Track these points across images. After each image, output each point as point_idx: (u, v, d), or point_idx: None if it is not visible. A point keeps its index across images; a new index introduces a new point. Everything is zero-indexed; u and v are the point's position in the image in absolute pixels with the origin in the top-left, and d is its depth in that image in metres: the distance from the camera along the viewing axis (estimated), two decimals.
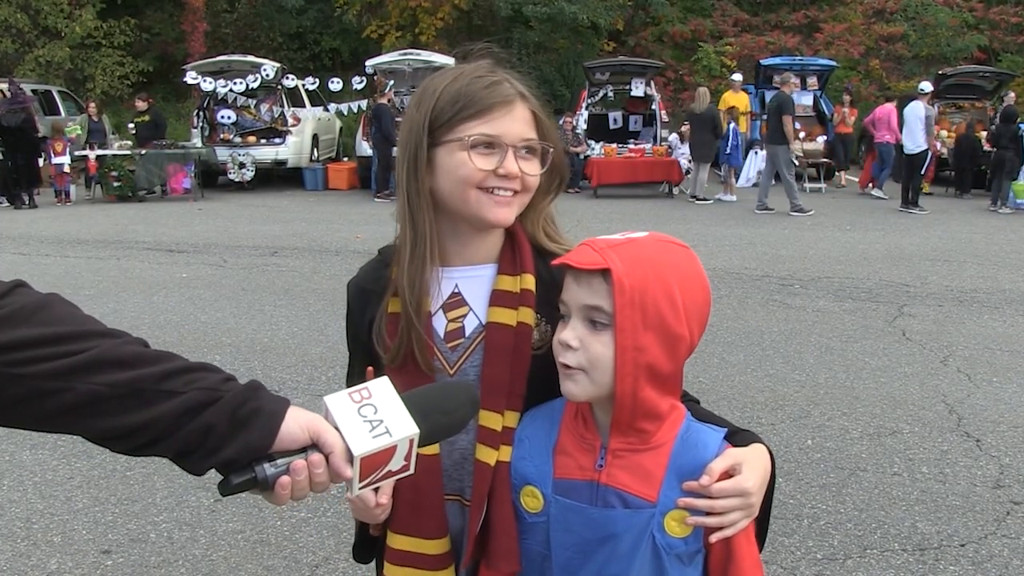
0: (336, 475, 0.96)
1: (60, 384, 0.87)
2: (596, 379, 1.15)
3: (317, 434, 0.95)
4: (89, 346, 0.89)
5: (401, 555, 1.27)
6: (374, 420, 0.96)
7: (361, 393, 0.98)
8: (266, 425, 0.93)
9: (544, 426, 1.25)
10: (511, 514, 1.23)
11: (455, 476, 1.29)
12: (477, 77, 1.24)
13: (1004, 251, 9.42)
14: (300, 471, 0.94)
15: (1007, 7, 21.72)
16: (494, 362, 1.25)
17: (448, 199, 1.25)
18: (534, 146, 1.25)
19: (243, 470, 0.92)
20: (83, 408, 0.88)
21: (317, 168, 16.47)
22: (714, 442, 1.19)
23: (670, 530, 1.16)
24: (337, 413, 0.96)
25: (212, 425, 0.91)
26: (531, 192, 1.27)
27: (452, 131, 1.22)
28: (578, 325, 1.16)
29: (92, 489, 3.70)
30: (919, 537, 3.25)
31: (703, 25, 22.58)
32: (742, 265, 8.46)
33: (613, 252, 1.13)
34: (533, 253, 1.30)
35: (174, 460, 0.94)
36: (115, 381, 0.89)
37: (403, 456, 0.98)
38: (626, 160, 14.79)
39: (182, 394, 0.91)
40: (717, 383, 4.97)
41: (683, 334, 1.14)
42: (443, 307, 1.29)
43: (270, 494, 0.95)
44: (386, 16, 21.55)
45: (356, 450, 0.94)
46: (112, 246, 9.89)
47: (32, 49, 21.04)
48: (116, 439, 0.91)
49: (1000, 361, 5.41)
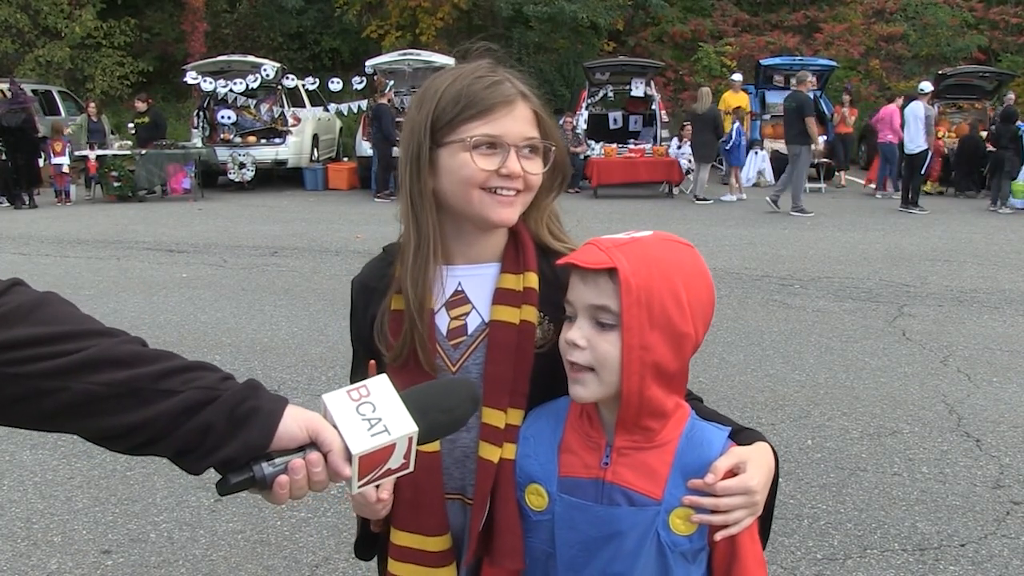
0: (335, 474, 0.96)
1: (57, 383, 0.87)
2: (604, 379, 1.15)
3: (316, 433, 0.95)
4: (86, 345, 0.89)
5: (403, 551, 1.28)
6: (372, 418, 0.96)
7: (360, 391, 0.98)
8: (264, 424, 0.93)
9: (549, 424, 1.25)
10: (516, 511, 1.24)
11: (456, 475, 1.29)
12: (478, 77, 1.24)
13: (1004, 251, 9.42)
14: (298, 470, 0.94)
15: (1007, 7, 21.73)
16: (497, 360, 1.25)
17: (451, 199, 1.25)
18: (536, 145, 1.25)
19: (241, 469, 0.92)
20: (80, 407, 0.88)
21: (317, 168, 16.47)
22: (719, 440, 1.19)
23: (675, 528, 1.16)
24: (335, 411, 0.96)
25: (210, 424, 0.90)
26: (534, 191, 1.28)
27: (454, 132, 1.22)
28: (585, 325, 1.16)
29: (92, 489, 3.70)
30: (919, 537, 3.25)
31: (703, 25, 22.57)
32: (742, 265, 8.46)
33: (619, 251, 1.14)
34: (537, 251, 1.31)
35: (172, 459, 0.93)
36: (112, 380, 0.88)
37: (402, 454, 0.98)
38: (626, 160, 14.79)
39: (180, 393, 0.90)
40: (717, 383, 4.97)
41: (688, 332, 1.15)
42: (446, 305, 1.30)
43: (268, 493, 0.94)
44: (386, 16, 21.55)
45: (354, 449, 0.94)
46: (112, 246, 9.89)
47: (32, 49, 21.03)
48: (114, 438, 0.91)
49: (1000, 361, 5.42)
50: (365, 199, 14.39)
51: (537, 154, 1.26)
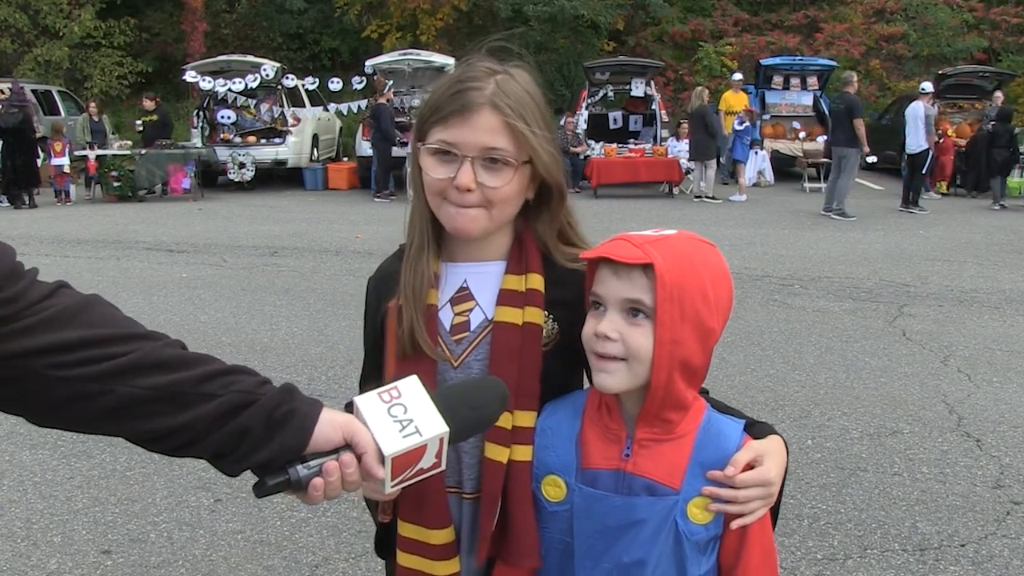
0: (368, 475, 0.97)
1: (103, 387, 0.88)
2: (634, 370, 1.17)
3: (351, 435, 0.96)
4: (131, 349, 0.90)
5: (409, 543, 1.30)
6: (404, 420, 0.97)
7: (391, 393, 0.99)
8: (300, 427, 0.94)
9: (567, 416, 1.27)
10: (531, 512, 1.25)
11: (454, 468, 1.31)
12: (456, 81, 1.22)
13: (1004, 251, 9.42)
14: (332, 472, 0.95)
15: (1007, 7, 21.72)
16: (500, 361, 1.26)
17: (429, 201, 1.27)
18: (497, 157, 1.20)
19: (277, 472, 0.94)
20: (124, 411, 0.89)
21: (317, 168, 16.47)
22: (735, 433, 1.23)
23: (692, 517, 1.19)
24: (367, 413, 0.97)
25: (248, 428, 0.92)
26: (503, 205, 1.23)
27: (426, 135, 1.24)
28: (616, 317, 1.18)
29: (92, 489, 3.70)
30: (919, 537, 3.25)
31: (703, 25, 22.56)
32: (742, 265, 8.46)
33: (653, 247, 1.16)
34: (541, 254, 1.31)
35: (210, 461, 0.95)
36: (156, 384, 0.90)
37: (434, 454, 1.00)
38: (626, 160, 14.79)
39: (219, 397, 0.92)
40: (717, 383, 4.95)
41: (714, 328, 1.19)
42: (451, 301, 1.31)
43: (303, 495, 0.96)
44: (386, 16, 21.54)
45: (387, 450, 0.96)
46: (112, 246, 9.89)
47: (31, 49, 21.02)
48: (154, 440, 0.92)
49: (1000, 361, 5.41)
50: (365, 199, 14.39)
51: (507, 166, 1.20)
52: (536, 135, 1.21)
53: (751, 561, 1.22)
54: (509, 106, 1.19)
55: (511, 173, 1.20)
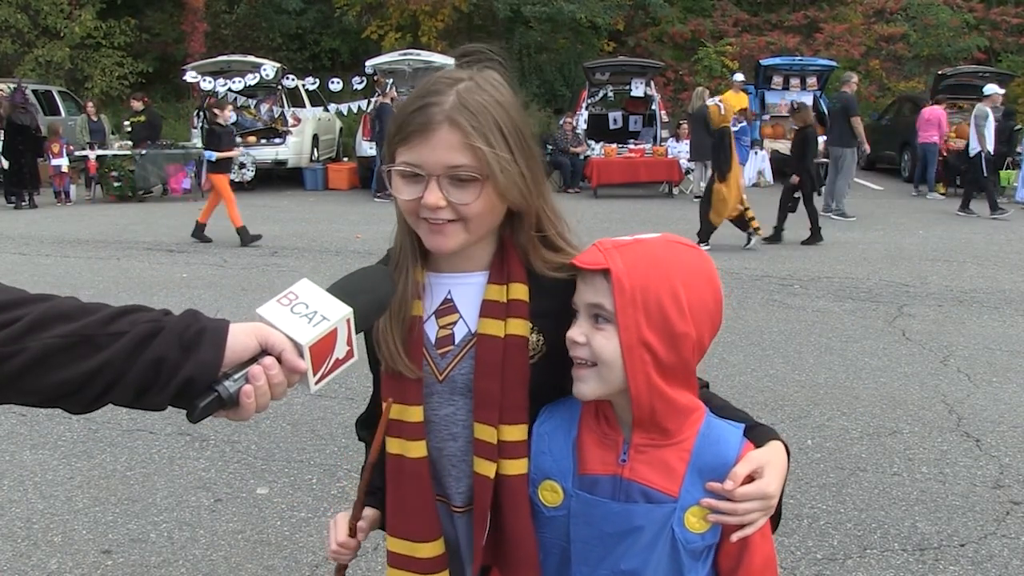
0: (291, 370, 0.98)
1: (14, 347, 0.89)
2: (604, 375, 1.17)
3: (264, 338, 0.97)
4: (29, 310, 0.92)
5: (397, 558, 1.29)
6: (308, 313, 1.00)
7: (288, 297, 1.02)
8: (213, 341, 0.95)
9: (564, 422, 1.27)
10: (529, 525, 1.24)
11: (439, 478, 1.31)
12: (417, 96, 1.19)
13: (1004, 251, 9.42)
14: (258, 376, 0.96)
15: (1007, 7, 21.73)
16: (484, 374, 1.23)
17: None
18: (463, 175, 1.16)
19: (205, 393, 0.94)
20: (42, 363, 0.90)
21: (317, 168, 16.47)
22: (735, 439, 1.21)
23: (689, 526, 1.19)
24: (273, 318, 0.99)
25: (163, 354, 0.93)
26: (482, 217, 1.19)
27: (394, 156, 1.21)
28: (583, 322, 1.19)
29: (92, 489, 3.70)
30: (919, 537, 3.25)
31: (703, 25, 22.58)
32: (742, 265, 8.46)
33: (617, 252, 1.16)
34: (523, 263, 1.27)
35: (134, 403, 0.95)
36: (66, 332, 0.91)
37: (345, 340, 1.02)
38: (626, 160, 14.80)
39: (128, 332, 0.93)
40: (717, 383, 4.93)
41: (688, 332, 1.16)
42: (435, 313, 1.29)
43: (237, 410, 0.97)
44: (386, 17, 21.54)
45: (301, 339, 0.97)
46: (112, 246, 9.89)
47: (32, 49, 21.03)
48: (74, 393, 0.93)
49: (1000, 361, 5.42)
50: (365, 199, 14.39)
51: (474, 182, 1.16)
52: (495, 153, 1.16)
53: (752, 567, 1.22)
54: (469, 121, 1.15)
55: (479, 187, 1.17)
